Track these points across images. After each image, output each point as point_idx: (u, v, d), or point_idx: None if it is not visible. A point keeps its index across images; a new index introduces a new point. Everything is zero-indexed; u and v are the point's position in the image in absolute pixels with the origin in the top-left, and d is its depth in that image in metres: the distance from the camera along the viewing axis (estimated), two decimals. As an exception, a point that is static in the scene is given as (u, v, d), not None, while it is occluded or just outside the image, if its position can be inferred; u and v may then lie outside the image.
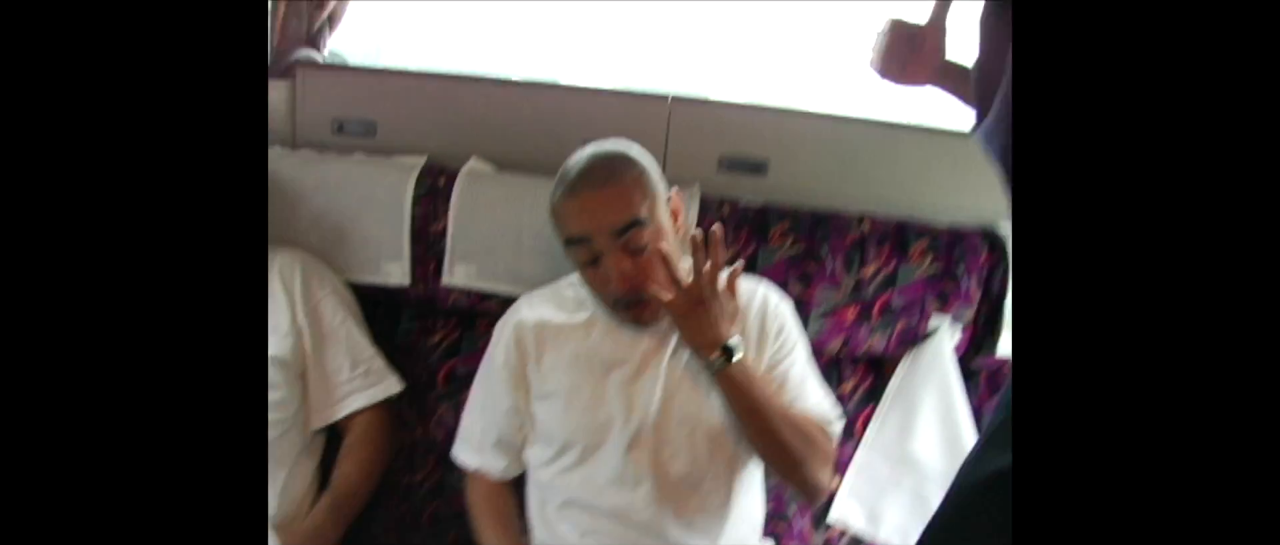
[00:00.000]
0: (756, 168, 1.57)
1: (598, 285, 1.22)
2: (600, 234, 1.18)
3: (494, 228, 1.51)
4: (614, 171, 1.20)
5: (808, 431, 1.20)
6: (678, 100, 1.56)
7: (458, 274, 1.53)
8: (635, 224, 1.17)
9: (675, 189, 1.25)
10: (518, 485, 1.37)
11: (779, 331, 1.29)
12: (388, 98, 1.63)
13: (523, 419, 1.30)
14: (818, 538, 1.51)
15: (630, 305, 1.21)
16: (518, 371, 1.29)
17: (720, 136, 1.57)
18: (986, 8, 0.86)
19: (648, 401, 1.23)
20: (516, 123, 1.60)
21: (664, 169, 1.55)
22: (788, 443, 1.17)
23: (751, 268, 1.49)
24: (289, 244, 1.52)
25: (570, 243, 1.21)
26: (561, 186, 1.22)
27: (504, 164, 1.59)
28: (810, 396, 1.27)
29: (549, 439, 1.27)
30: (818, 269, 1.49)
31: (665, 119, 1.55)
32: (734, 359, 1.16)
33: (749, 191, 1.57)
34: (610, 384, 1.24)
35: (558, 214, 1.23)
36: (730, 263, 1.46)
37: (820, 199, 1.56)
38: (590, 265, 1.20)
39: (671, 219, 1.24)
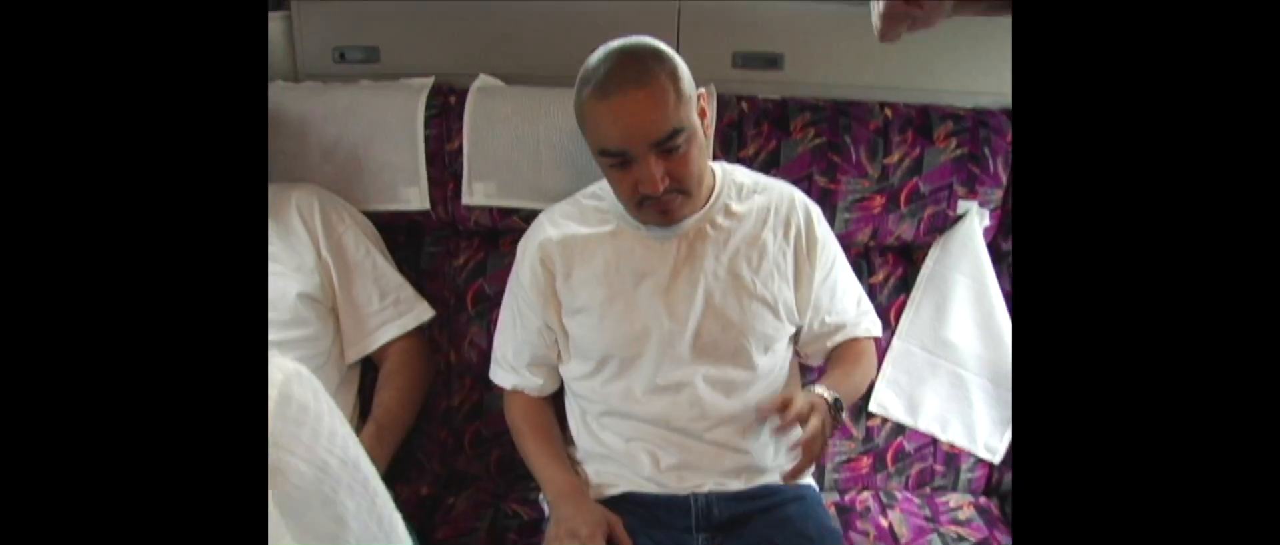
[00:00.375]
0: (772, 61, 1.54)
1: (625, 187, 1.16)
2: (638, 144, 1.10)
3: (510, 143, 1.48)
4: (647, 70, 1.10)
5: (868, 372, 1.37)
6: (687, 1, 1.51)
7: (477, 193, 1.50)
8: (675, 133, 1.11)
9: (702, 89, 1.20)
10: (556, 396, 1.37)
11: (821, 243, 1.28)
12: (387, 21, 1.59)
13: (556, 335, 1.29)
14: (858, 429, 1.52)
15: (657, 204, 1.16)
16: (546, 289, 1.26)
17: (732, 32, 1.53)
18: None
19: (687, 310, 1.21)
20: (521, 34, 1.56)
21: (678, 69, 1.53)
22: (862, 386, 1.38)
23: (773, 162, 1.47)
24: (303, 179, 1.49)
25: (604, 153, 1.14)
26: (589, 87, 1.12)
27: (513, 78, 1.55)
28: (851, 306, 1.34)
29: (585, 353, 1.26)
30: (842, 159, 1.47)
31: (675, 18, 1.51)
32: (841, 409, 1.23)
33: (766, 87, 1.54)
34: (642, 294, 1.22)
35: (587, 119, 1.14)
36: (754, 157, 1.45)
37: (839, 89, 1.53)
38: (619, 168, 1.15)
39: (699, 118, 1.18)
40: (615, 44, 1.16)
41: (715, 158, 1.41)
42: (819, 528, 1.22)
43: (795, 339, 1.33)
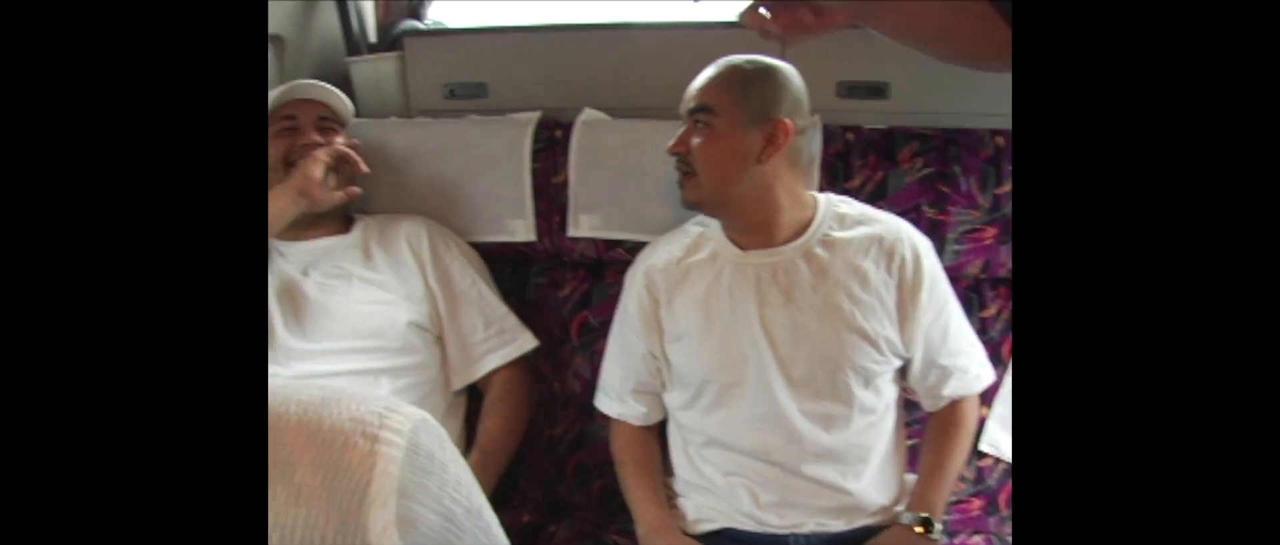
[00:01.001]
0: (877, 90, 1.51)
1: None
2: (683, 110, 1.25)
3: (615, 175, 1.50)
4: (723, 65, 1.25)
5: (966, 439, 1.31)
6: (792, 28, 1.50)
7: (582, 225, 1.53)
8: (703, 109, 1.22)
9: (788, 118, 1.21)
10: (661, 427, 1.37)
11: (929, 280, 1.24)
12: (495, 57, 1.63)
13: (659, 363, 1.29)
14: (969, 469, 1.46)
15: (679, 170, 1.26)
16: (650, 316, 1.28)
17: (837, 61, 1.52)
18: None
19: (783, 338, 1.20)
20: (626, 68, 1.58)
21: (781, 101, 1.52)
22: (964, 457, 1.32)
23: (880, 194, 1.44)
24: (414, 211, 1.54)
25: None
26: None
27: (619, 111, 1.57)
28: (965, 350, 1.29)
29: (685, 380, 1.26)
30: (951, 190, 1.43)
31: (778, 48, 1.50)
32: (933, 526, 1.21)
33: (872, 116, 1.51)
34: (740, 321, 1.22)
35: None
36: (860, 188, 1.43)
37: (947, 117, 1.50)
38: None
39: (763, 141, 1.20)
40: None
41: (821, 189, 1.40)
42: None
43: (902, 375, 1.30)
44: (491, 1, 1.84)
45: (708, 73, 1.25)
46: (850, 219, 1.27)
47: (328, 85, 1.48)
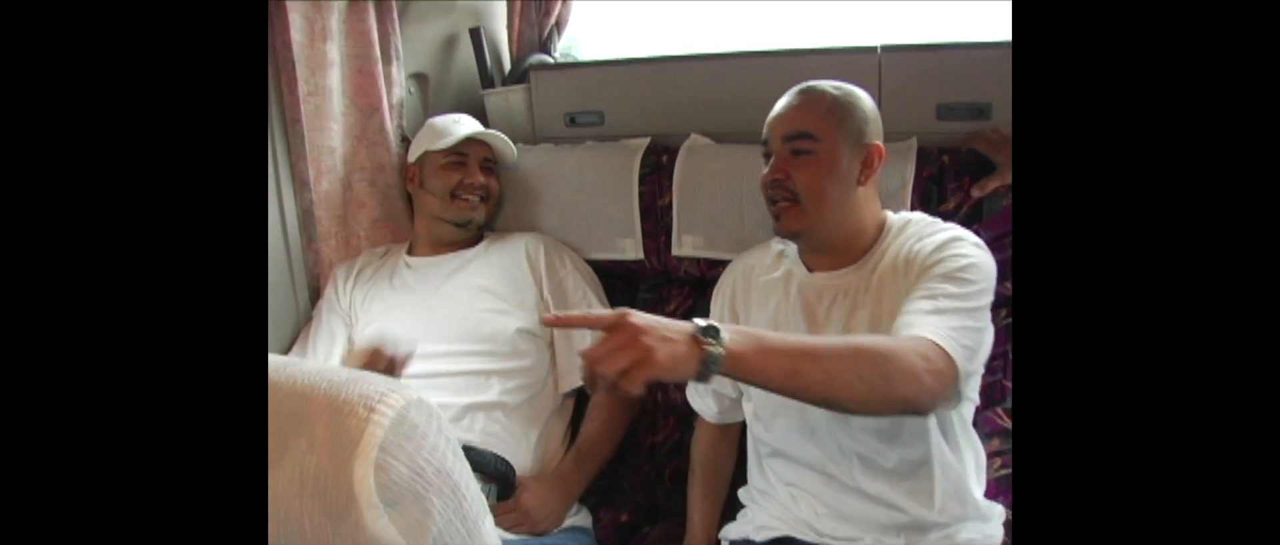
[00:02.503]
0: (979, 111, 1.50)
1: (763, 178, 1.27)
2: (775, 137, 1.26)
3: (716, 198, 1.58)
4: (816, 88, 1.26)
5: (871, 351, 0.98)
6: (887, 50, 1.53)
7: (685, 245, 1.62)
8: (804, 136, 1.22)
9: (879, 142, 1.24)
10: (742, 437, 1.43)
11: (937, 258, 1.15)
12: (611, 87, 1.76)
13: None
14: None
15: (774, 201, 1.26)
16: (729, 321, 1.32)
17: (937, 83, 1.52)
18: None
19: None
20: (730, 95, 1.66)
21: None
22: (846, 377, 0.95)
23: (975, 217, 1.44)
24: (534, 228, 1.70)
25: (763, 146, 1.29)
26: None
27: (723, 137, 1.65)
28: (920, 325, 1.05)
29: (754, 393, 1.31)
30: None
31: (876, 71, 1.53)
32: (721, 341, 0.89)
33: (973, 136, 1.51)
34: (807, 335, 1.24)
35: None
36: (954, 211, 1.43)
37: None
38: (765, 161, 1.28)
39: (860, 166, 1.22)
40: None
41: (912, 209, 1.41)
42: None
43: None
44: (615, 29, 1.97)
45: (795, 100, 1.26)
46: (917, 230, 1.24)
47: (501, 135, 1.67)
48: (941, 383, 1.00)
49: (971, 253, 1.15)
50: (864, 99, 1.27)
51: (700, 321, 0.90)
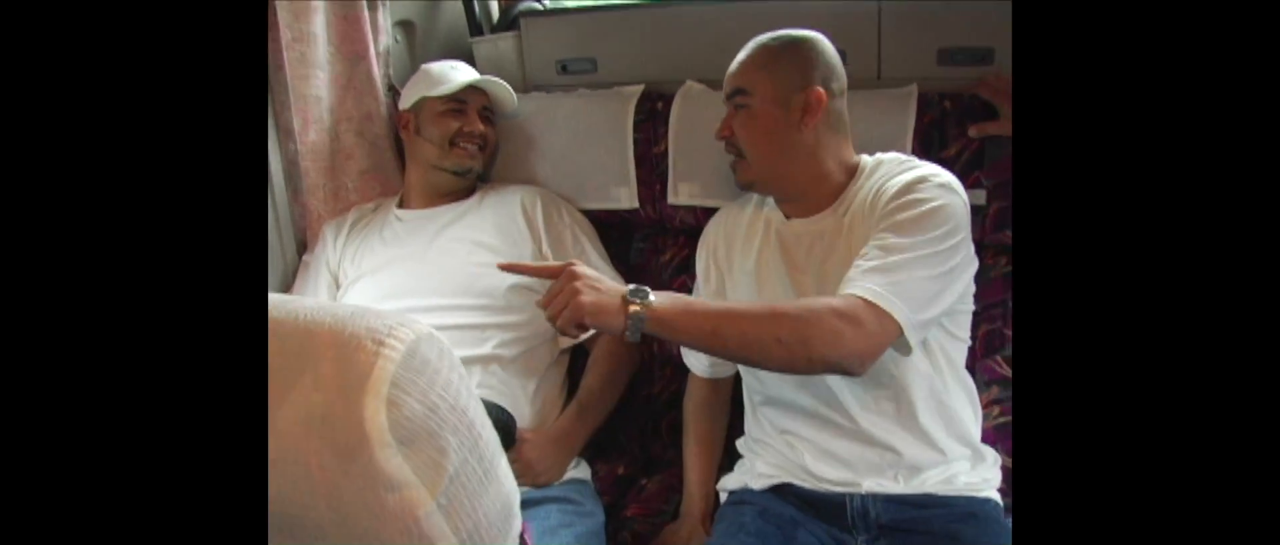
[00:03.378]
0: (981, 57, 1.48)
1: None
2: (724, 95, 1.31)
3: (713, 145, 1.53)
4: (752, 47, 1.29)
5: (791, 315, 1.02)
6: (887, -4, 1.50)
7: (682, 193, 1.59)
8: (739, 92, 1.27)
9: (820, 86, 1.23)
10: (736, 391, 1.44)
11: (897, 202, 1.13)
12: (603, 34, 1.72)
13: None
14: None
15: (731, 157, 1.31)
16: (717, 286, 1.36)
17: (938, 28, 1.49)
18: None
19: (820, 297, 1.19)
20: (725, 41, 1.60)
21: (878, 69, 1.52)
22: (765, 340, 1.02)
23: (976, 163, 1.42)
24: (528, 180, 1.66)
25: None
26: None
27: (718, 83, 1.61)
28: (857, 283, 1.07)
29: None
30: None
31: (876, 16, 1.50)
32: (647, 301, 1.01)
33: (976, 84, 1.48)
34: (789, 281, 1.25)
35: None
36: (955, 158, 1.42)
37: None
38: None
39: (799, 112, 1.22)
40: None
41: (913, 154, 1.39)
42: None
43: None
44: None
45: (740, 55, 1.30)
46: (886, 171, 1.22)
47: (502, 83, 1.62)
48: (871, 340, 1.04)
49: (933, 195, 1.13)
50: (806, 45, 1.26)
51: (632, 286, 1.03)
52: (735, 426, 1.44)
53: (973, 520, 1.18)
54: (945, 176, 1.17)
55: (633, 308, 1.01)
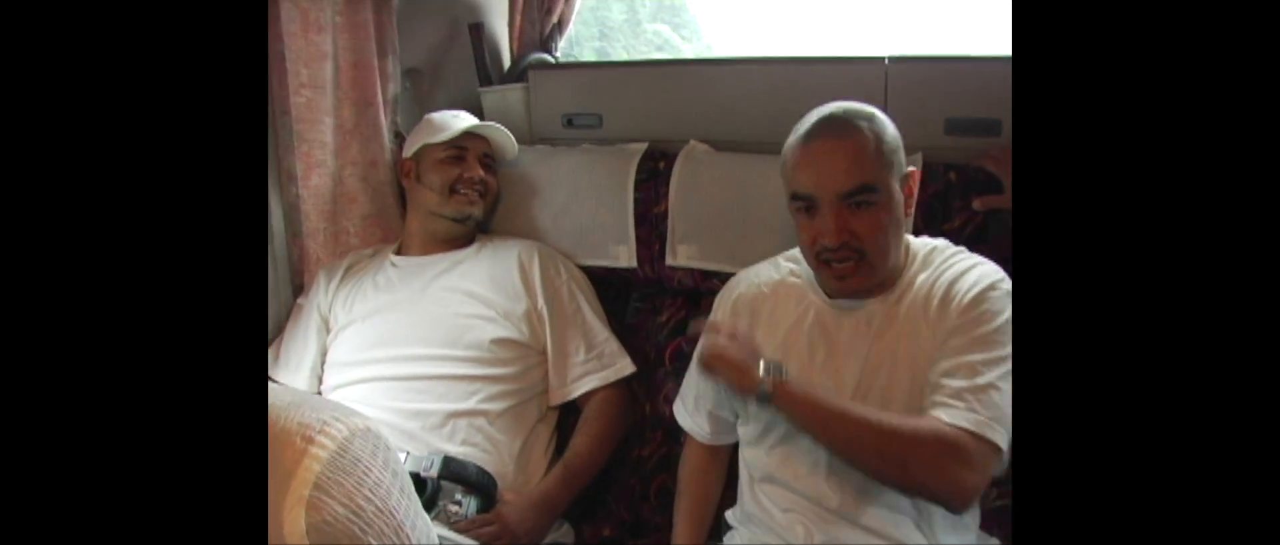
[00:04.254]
0: (987, 128, 1.45)
1: (808, 236, 1.15)
2: (825, 192, 1.12)
3: (714, 207, 1.54)
4: (854, 125, 1.13)
5: (898, 434, 1.04)
6: (895, 61, 1.48)
7: (681, 254, 1.57)
8: (864, 189, 1.11)
9: (914, 168, 1.18)
10: (732, 458, 1.38)
11: (976, 312, 1.11)
12: (610, 90, 1.71)
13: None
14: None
15: (836, 261, 1.14)
16: None
17: (945, 96, 1.47)
18: None
19: (848, 387, 1.17)
20: (731, 102, 1.61)
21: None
22: (867, 450, 1.06)
23: (980, 237, 1.39)
24: (526, 234, 1.65)
25: (795, 198, 1.16)
26: (796, 136, 1.17)
27: (722, 145, 1.61)
28: (953, 410, 1.05)
29: (757, 416, 1.25)
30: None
31: (882, 82, 1.48)
32: (783, 375, 1.11)
33: (983, 155, 1.46)
34: (817, 365, 1.20)
35: (788, 164, 1.17)
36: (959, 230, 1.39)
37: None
38: (806, 214, 1.15)
39: (905, 197, 1.16)
40: (833, 104, 1.18)
41: (916, 233, 1.35)
42: None
43: None
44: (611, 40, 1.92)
45: (840, 146, 1.12)
46: (937, 262, 1.20)
47: (502, 128, 1.63)
48: (977, 473, 1.04)
49: (1005, 306, 1.11)
50: (890, 124, 1.17)
51: (774, 359, 1.13)
52: (726, 497, 1.41)
53: None
54: (1008, 282, 1.15)
55: (768, 375, 1.11)
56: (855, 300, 1.20)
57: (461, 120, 1.61)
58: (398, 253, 1.63)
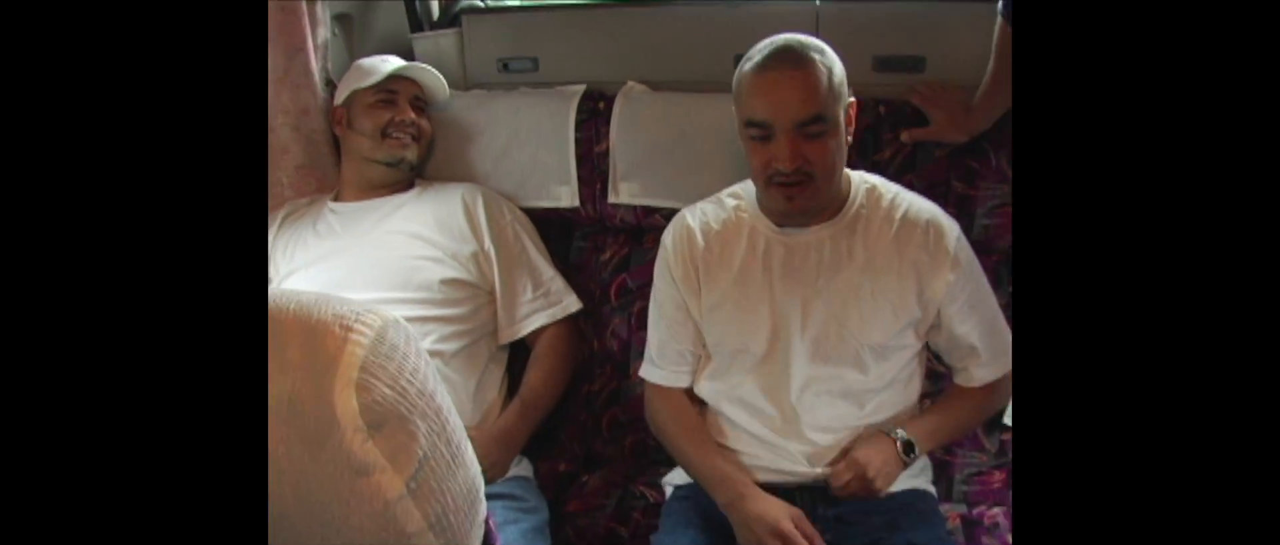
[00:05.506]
0: (913, 65, 1.53)
1: (760, 160, 1.19)
2: (782, 121, 1.15)
3: (654, 145, 1.58)
4: (806, 57, 1.16)
5: (985, 404, 1.34)
6: (825, 3, 1.55)
7: (622, 192, 1.61)
8: (818, 119, 1.15)
9: (855, 98, 1.23)
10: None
11: (959, 268, 1.24)
12: (546, 33, 1.72)
13: (697, 328, 1.32)
14: (991, 441, 1.49)
15: (789, 184, 1.18)
16: (692, 281, 1.30)
17: (873, 36, 1.54)
18: None
19: (810, 312, 1.24)
20: (667, 44, 1.64)
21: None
22: (973, 425, 1.42)
23: (909, 167, 1.47)
24: (469, 178, 1.66)
25: (750, 124, 1.19)
26: (749, 64, 1.19)
27: (660, 84, 1.64)
28: (994, 336, 1.29)
29: (718, 349, 1.30)
30: (980, 164, 1.45)
31: (814, 23, 1.54)
32: (911, 452, 1.26)
33: (908, 90, 1.53)
34: (774, 294, 1.25)
35: (741, 92, 1.20)
36: (889, 161, 1.47)
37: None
38: (759, 141, 1.19)
39: (846, 125, 1.21)
40: (781, 36, 1.21)
41: (850, 164, 1.41)
42: (930, 537, 1.22)
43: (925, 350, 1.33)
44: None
45: (794, 77, 1.15)
46: (881, 198, 1.27)
47: (431, 69, 1.62)
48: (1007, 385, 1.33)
49: (963, 245, 1.27)
50: (837, 59, 1.21)
51: (902, 434, 1.25)
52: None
53: (910, 509, 1.25)
54: (957, 226, 1.30)
55: (909, 456, 1.26)
56: (802, 228, 1.26)
57: (391, 64, 1.60)
58: (336, 200, 1.62)
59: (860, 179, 1.30)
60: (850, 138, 1.23)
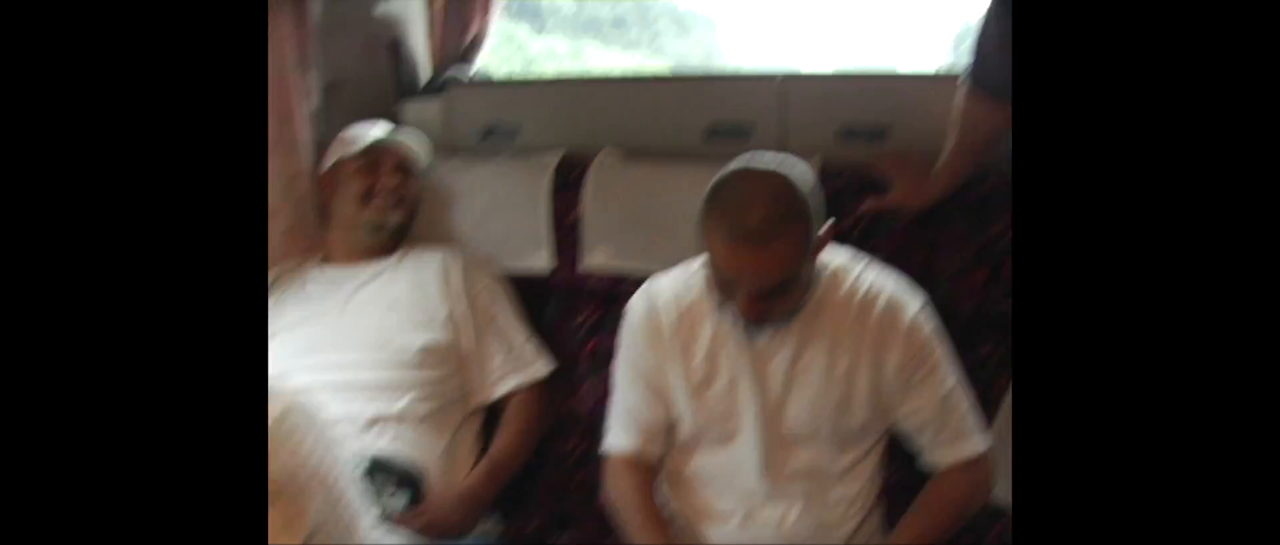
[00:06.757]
0: (876, 134, 1.58)
1: (722, 271, 1.16)
2: (747, 286, 1.13)
3: (626, 212, 1.62)
4: (782, 226, 1.10)
5: (962, 512, 1.29)
6: (789, 78, 1.60)
7: (595, 257, 1.65)
8: (785, 284, 1.15)
9: (831, 221, 1.21)
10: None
11: (917, 345, 1.24)
12: (527, 104, 1.79)
13: (665, 401, 1.31)
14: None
15: (747, 296, 1.14)
16: (667, 348, 1.29)
17: (837, 107, 1.58)
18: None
19: (773, 400, 1.26)
20: (640, 116, 1.71)
21: (784, 144, 1.60)
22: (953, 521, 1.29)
23: (871, 234, 1.50)
24: (446, 241, 1.71)
25: (717, 269, 1.16)
26: (724, 223, 1.11)
27: (635, 152, 1.70)
28: (945, 420, 1.25)
29: (682, 423, 1.31)
30: (939, 232, 1.48)
31: (780, 96, 1.59)
32: None
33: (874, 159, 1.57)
34: (740, 375, 1.26)
35: (711, 242, 1.14)
36: (851, 229, 1.50)
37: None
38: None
39: (818, 245, 1.19)
40: (759, 169, 1.15)
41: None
42: None
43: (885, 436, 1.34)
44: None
45: (770, 250, 1.10)
46: (842, 282, 1.27)
47: (410, 134, 1.70)
48: (989, 463, 1.30)
49: (921, 319, 1.26)
50: (811, 186, 1.16)
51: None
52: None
53: None
54: (918, 299, 1.29)
55: None
56: (772, 325, 1.24)
57: (373, 132, 1.68)
58: (323, 262, 1.67)
59: (822, 264, 1.27)
60: (821, 250, 1.21)
